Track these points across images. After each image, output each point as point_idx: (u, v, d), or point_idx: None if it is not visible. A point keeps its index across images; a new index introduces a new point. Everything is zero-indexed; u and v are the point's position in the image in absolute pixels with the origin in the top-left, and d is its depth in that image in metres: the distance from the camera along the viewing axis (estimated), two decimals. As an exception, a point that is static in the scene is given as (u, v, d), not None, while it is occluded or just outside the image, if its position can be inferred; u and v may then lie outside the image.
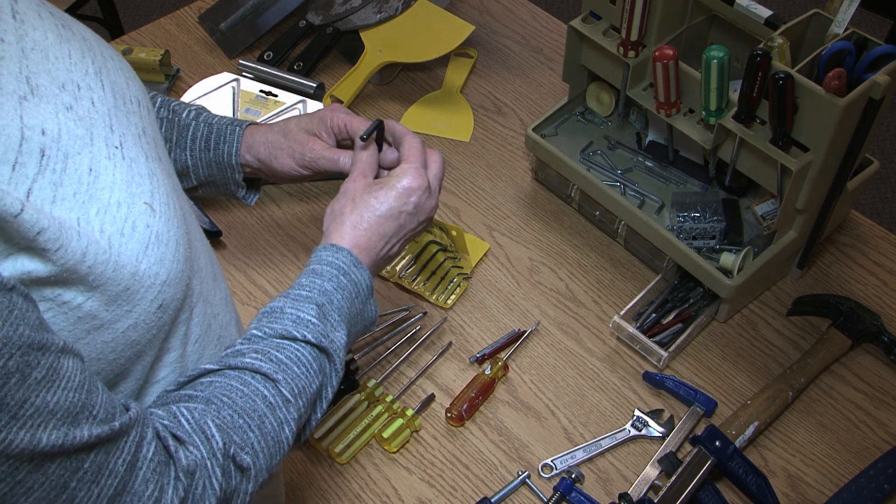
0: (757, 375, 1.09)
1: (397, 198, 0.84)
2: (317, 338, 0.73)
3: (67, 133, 0.55)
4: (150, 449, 0.57)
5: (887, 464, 0.98)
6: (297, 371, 0.71)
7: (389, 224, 0.84)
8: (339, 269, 0.79)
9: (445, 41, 1.38)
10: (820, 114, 0.93)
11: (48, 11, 0.61)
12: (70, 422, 0.50)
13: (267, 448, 0.67)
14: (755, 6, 1.05)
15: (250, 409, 0.67)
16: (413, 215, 0.86)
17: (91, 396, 0.52)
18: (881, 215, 2.44)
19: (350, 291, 0.79)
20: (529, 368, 1.10)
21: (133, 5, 3.08)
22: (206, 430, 0.63)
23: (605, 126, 1.29)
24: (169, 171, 0.68)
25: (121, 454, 0.54)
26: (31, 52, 0.56)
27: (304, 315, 0.73)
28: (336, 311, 0.76)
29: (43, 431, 0.48)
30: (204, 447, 0.62)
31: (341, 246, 0.81)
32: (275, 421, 0.68)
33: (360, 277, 0.80)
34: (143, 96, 0.70)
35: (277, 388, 0.69)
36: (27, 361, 0.47)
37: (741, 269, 1.07)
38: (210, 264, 0.74)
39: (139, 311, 0.58)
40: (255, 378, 0.69)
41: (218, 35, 1.49)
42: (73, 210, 0.53)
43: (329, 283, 0.77)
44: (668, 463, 0.99)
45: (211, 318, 0.72)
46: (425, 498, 1.00)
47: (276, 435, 0.68)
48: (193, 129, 0.95)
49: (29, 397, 0.47)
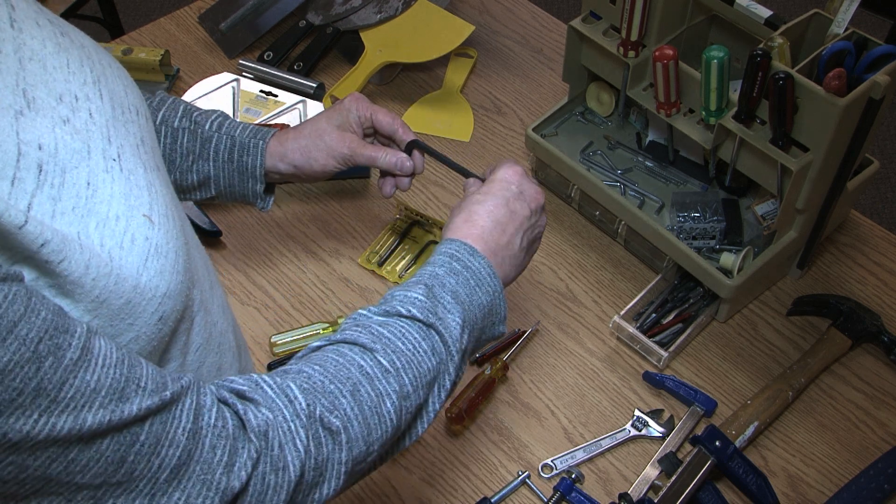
0: (757, 375, 1.09)
1: (499, 187, 0.83)
2: (424, 314, 0.70)
3: (64, 147, 0.55)
4: (213, 415, 0.56)
5: (887, 464, 0.98)
6: (402, 346, 0.68)
7: (499, 211, 0.81)
8: (449, 256, 0.76)
9: (445, 41, 1.38)
10: (820, 114, 0.93)
11: (46, 19, 0.60)
12: (117, 398, 0.50)
13: (363, 416, 0.65)
14: (755, 6, 1.05)
15: (343, 377, 0.65)
16: (519, 199, 0.83)
17: (134, 370, 0.52)
18: (881, 215, 2.44)
19: (465, 276, 0.75)
20: (529, 368, 1.10)
21: (133, 5, 3.08)
22: (289, 393, 0.62)
23: (605, 126, 1.29)
24: (167, 180, 0.68)
25: (179, 422, 0.54)
26: (28, 63, 0.55)
27: (411, 294, 0.71)
28: (449, 294, 0.73)
29: (88, 412, 0.48)
30: (287, 409, 0.61)
31: (452, 238, 0.79)
32: (372, 390, 0.66)
33: (475, 263, 0.77)
34: (142, 104, 0.69)
35: (375, 359, 0.67)
36: (57, 344, 0.46)
37: (741, 269, 1.07)
38: (207, 272, 0.74)
39: (140, 323, 0.57)
40: (352, 349, 0.67)
41: (218, 35, 1.49)
42: (72, 224, 0.53)
43: (440, 268, 0.75)
44: (668, 463, 0.99)
45: (211, 327, 0.71)
46: (425, 498, 1.00)
47: (374, 405, 0.65)
48: (216, 141, 0.95)
49: (67, 379, 0.47)
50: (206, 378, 0.73)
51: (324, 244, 1.23)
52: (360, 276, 1.19)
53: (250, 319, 1.14)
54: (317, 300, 1.17)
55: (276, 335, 1.11)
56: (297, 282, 1.19)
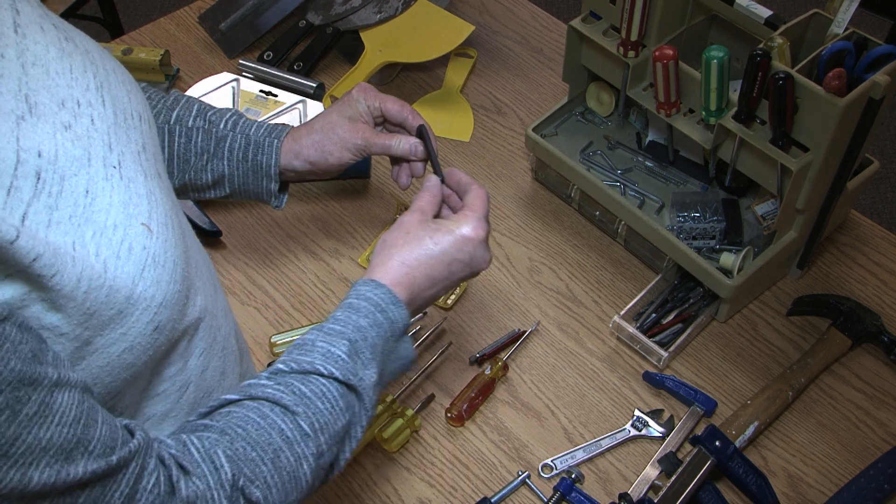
0: (757, 375, 1.09)
1: (454, 244, 0.80)
2: (345, 375, 0.70)
3: (64, 154, 0.54)
4: (152, 480, 0.56)
5: (887, 464, 0.98)
6: (321, 406, 0.68)
7: (440, 268, 0.80)
8: (375, 306, 0.75)
9: (445, 41, 1.38)
10: (820, 114, 0.93)
11: (51, 24, 0.60)
12: (64, 458, 0.49)
13: (281, 483, 0.65)
14: (755, 6, 1.05)
15: (265, 442, 0.65)
16: (466, 265, 0.82)
17: (88, 430, 0.51)
18: (881, 215, 2.44)
19: (385, 329, 0.75)
20: (529, 368, 1.10)
21: (133, 5, 3.08)
22: (216, 460, 0.62)
23: (605, 126, 1.29)
24: (168, 187, 0.67)
25: (118, 487, 0.53)
26: (31, 68, 0.55)
27: (334, 350, 0.71)
28: (369, 349, 0.73)
29: (34, 469, 0.47)
30: (212, 477, 0.61)
31: (381, 282, 0.77)
32: (291, 455, 0.66)
33: (398, 316, 0.76)
34: (145, 109, 0.68)
35: (296, 422, 0.66)
36: (17, 397, 0.45)
37: (741, 269, 1.07)
38: (210, 276, 0.74)
39: (134, 333, 0.57)
40: (273, 410, 0.66)
41: (218, 35, 1.49)
42: (68, 234, 0.52)
43: (364, 319, 0.74)
44: (668, 463, 0.99)
45: (215, 331, 0.71)
46: (425, 498, 1.00)
47: (292, 470, 0.66)
48: (231, 140, 0.94)
49: (20, 434, 0.46)
50: (209, 382, 0.72)
51: (324, 244, 1.23)
52: (360, 276, 1.19)
53: (250, 319, 1.14)
54: (317, 300, 1.17)
55: (276, 335, 1.11)
56: (297, 282, 1.19)
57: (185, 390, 0.69)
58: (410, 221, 0.82)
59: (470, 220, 0.81)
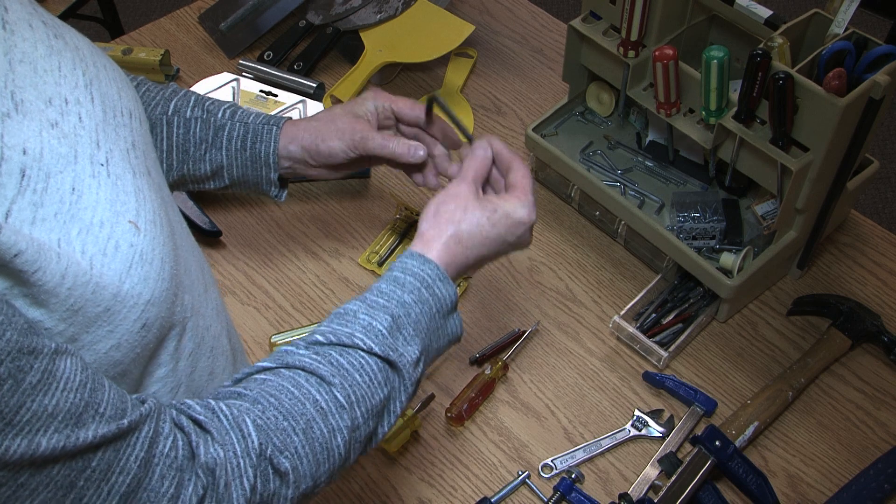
0: (757, 375, 1.09)
1: (509, 228, 0.80)
2: (384, 350, 0.69)
3: (50, 152, 0.54)
4: (167, 444, 0.56)
5: (887, 464, 0.98)
6: (359, 378, 0.67)
7: (492, 248, 0.80)
8: (422, 282, 0.74)
9: (445, 41, 1.38)
10: (820, 114, 0.93)
11: (41, 21, 0.60)
12: (73, 423, 0.49)
13: (312, 454, 0.64)
14: (755, 6, 1.05)
15: (297, 412, 0.64)
16: (512, 246, 0.83)
17: (95, 394, 0.51)
18: (881, 215, 2.44)
19: (431, 306, 0.74)
20: (529, 368, 1.10)
21: (133, 5, 3.08)
22: (244, 429, 0.61)
23: (605, 126, 1.29)
24: (159, 184, 0.67)
25: (132, 451, 0.53)
26: (18, 65, 0.55)
27: (375, 324, 0.70)
28: (412, 326, 0.72)
29: (42, 436, 0.47)
30: (238, 445, 0.60)
31: (428, 257, 0.76)
32: (325, 427, 0.65)
33: (446, 293, 0.75)
34: (136, 107, 0.68)
35: (332, 393, 0.66)
36: (19, 367, 0.46)
37: (741, 269, 1.07)
38: (201, 275, 0.73)
39: (121, 331, 0.57)
40: (309, 380, 0.66)
41: (218, 35, 1.49)
42: (53, 231, 0.52)
43: (409, 295, 0.73)
44: (668, 463, 0.99)
45: (203, 331, 0.70)
46: (425, 498, 1.00)
47: (325, 441, 0.65)
48: (229, 129, 0.94)
49: (24, 402, 0.46)
50: (197, 383, 0.72)
51: (324, 244, 1.23)
52: (360, 276, 1.19)
53: (250, 319, 1.15)
54: (317, 300, 1.17)
55: (276, 335, 1.11)
56: (297, 282, 1.19)
57: (176, 392, 0.69)
58: (466, 195, 0.80)
59: (525, 204, 0.82)
